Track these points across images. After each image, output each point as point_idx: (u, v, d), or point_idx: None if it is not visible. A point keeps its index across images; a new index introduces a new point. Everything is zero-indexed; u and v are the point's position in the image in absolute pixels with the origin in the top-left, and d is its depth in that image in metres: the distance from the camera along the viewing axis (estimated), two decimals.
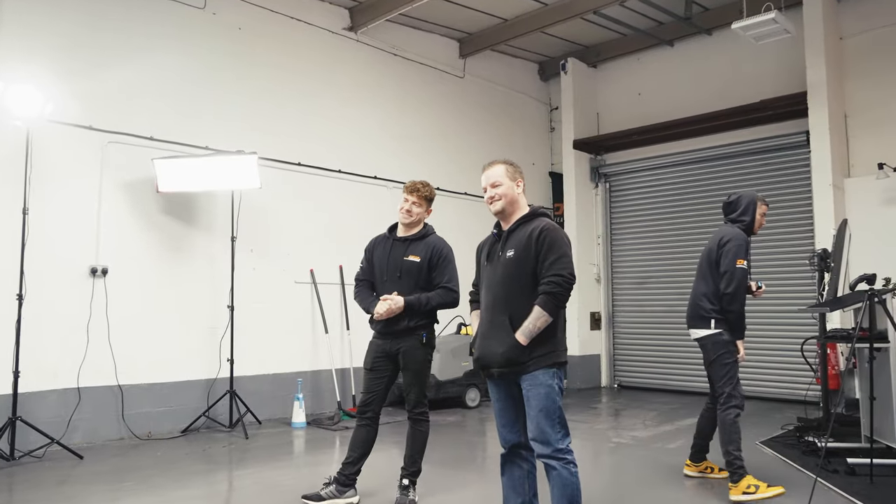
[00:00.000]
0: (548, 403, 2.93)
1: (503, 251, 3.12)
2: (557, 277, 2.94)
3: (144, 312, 6.09)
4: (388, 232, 4.18)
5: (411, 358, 3.94)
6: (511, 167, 3.20)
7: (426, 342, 3.97)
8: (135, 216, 6.13)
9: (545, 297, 2.94)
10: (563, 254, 2.99)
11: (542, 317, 2.93)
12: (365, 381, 4.02)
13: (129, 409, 5.91)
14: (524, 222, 3.13)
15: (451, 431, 6.40)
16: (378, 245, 4.16)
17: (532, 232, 3.04)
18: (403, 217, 4.04)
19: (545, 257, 2.98)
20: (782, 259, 8.12)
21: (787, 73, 8.03)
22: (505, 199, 3.17)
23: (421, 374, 3.97)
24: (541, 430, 2.93)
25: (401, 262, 3.98)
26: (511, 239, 3.12)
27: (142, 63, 6.24)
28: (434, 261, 4.00)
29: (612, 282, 9.86)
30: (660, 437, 6.00)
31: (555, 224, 3.13)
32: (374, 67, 8.27)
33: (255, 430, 6.30)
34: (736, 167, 8.62)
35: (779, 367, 8.07)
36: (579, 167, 9.79)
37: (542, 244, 3.00)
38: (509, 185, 3.17)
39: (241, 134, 6.81)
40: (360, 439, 3.97)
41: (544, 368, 2.96)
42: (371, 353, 4.03)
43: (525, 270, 3.02)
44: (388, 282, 3.98)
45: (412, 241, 4.04)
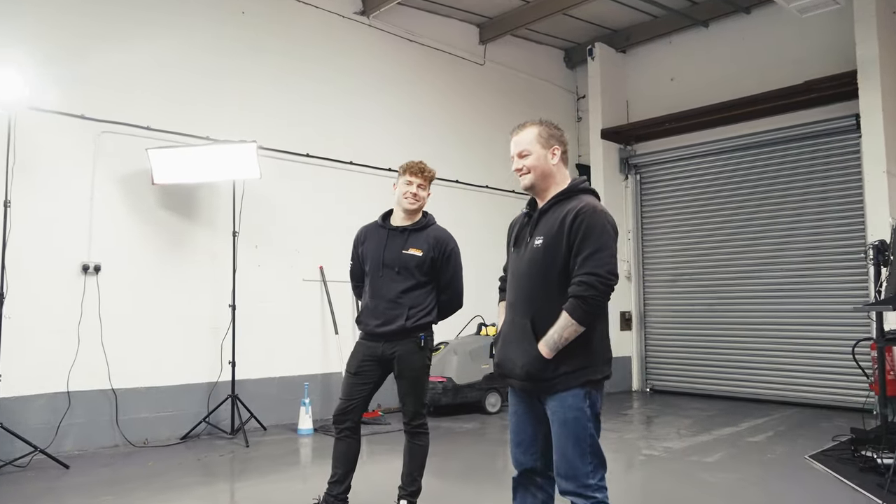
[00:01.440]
0: (577, 430, 2.41)
1: (531, 237, 2.57)
2: (591, 277, 2.38)
3: (140, 312, 5.74)
4: (380, 220, 3.71)
5: (408, 364, 3.48)
6: (545, 129, 2.62)
7: (424, 345, 3.51)
8: (130, 210, 5.79)
9: (574, 302, 2.39)
10: (603, 246, 2.40)
11: (570, 326, 2.39)
12: (345, 387, 3.55)
13: (123, 415, 5.56)
14: (560, 201, 2.55)
15: (468, 440, 5.93)
16: (370, 235, 3.68)
17: (567, 215, 2.46)
18: (409, 203, 3.55)
19: (579, 249, 2.41)
20: (830, 254, 7.47)
21: (835, 51, 7.38)
22: (535, 173, 2.59)
23: (419, 382, 3.51)
24: (567, 463, 2.42)
25: (399, 254, 3.51)
26: (542, 222, 2.56)
27: (138, 48, 5.89)
28: (440, 257, 3.54)
29: (643, 279, 9.28)
30: (696, 448, 5.45)
31: (598, 205, 2.50)
32: (388, 54, 7.84)
33: (259, 438, 5.91)
34: (777, 155, 7.98)
35: (826, 372, 7.43)
36: (608, 158, 9.23)
37: (577, 232, 2.42)
38: (541, 155, 2.58)
39: (244, 124, 6.44)
40: (343, 453, 3.52)
41: (575, 389, 2.43)
42: (358, 355, 3.56)
43: (555, 264, 2.47)
44: (385, 278, 3.52)
45: (412, 232, 3.58)
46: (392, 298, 3.48)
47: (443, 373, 6.98)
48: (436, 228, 3.64)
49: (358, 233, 3.78)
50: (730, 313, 8.23)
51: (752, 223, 8.10)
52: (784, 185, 7.86)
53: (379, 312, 3.49)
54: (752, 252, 8.08)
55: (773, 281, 7.89)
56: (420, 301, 3.50)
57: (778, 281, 7.85)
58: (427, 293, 3.54)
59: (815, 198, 7.61)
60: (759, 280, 8.01)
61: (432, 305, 3.56)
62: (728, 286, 8.26)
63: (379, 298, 3.51)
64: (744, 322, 8.11)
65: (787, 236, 7.80)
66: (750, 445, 5.52)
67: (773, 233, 7.91)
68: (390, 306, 3.47)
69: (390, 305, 3.47)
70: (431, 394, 6.89)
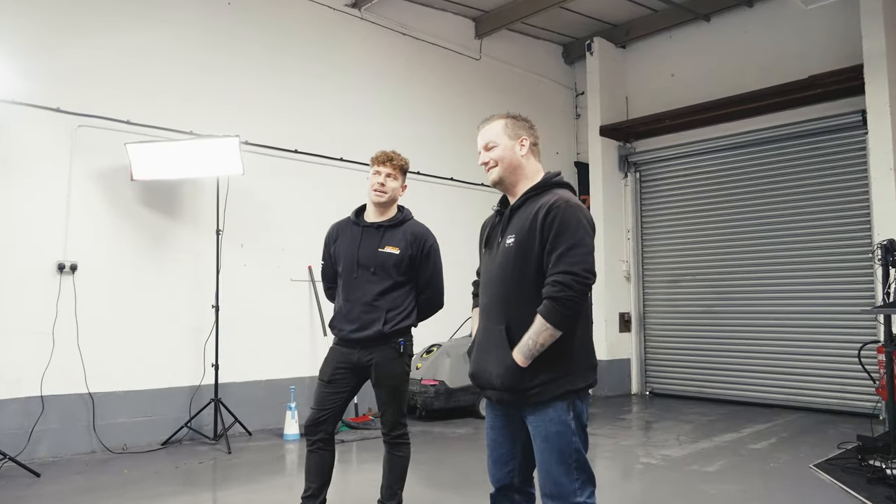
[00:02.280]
0: (561, 446, 2.22)
1: (503, 236, 2.39)
2: (566, 276, 2.18)
3: (118, 313, 5.53)
4: (353, 216, 3.47)
5: (386, 371, 3.25)
6: (512, 121, 2.45)
7: (404, 351, 3.29)
8: (109, 207, 5.58)
9: (549, 305, 2.19)
10: (578, 242, 2.21)
11: (545, 331, 2.19)
12: (318, 396, 3.30)
13: (101, 420, 5.35)
14: (532, 197, 2.37)
15: (460, 446, 5.72)
16: (343, 232, 3.44)
17: (539, 210, 2.28)
18: (376, 195, 3.32)
19: (553, 246, 2.22)
20: (835, 254, 7.25)
21: (840, 44, 7.16)
22: (501, 165, 2.42)
23: (398, 391, 3.29)
24: (553, 481, 2.22)
25: (375, 254, 3.28)
26: (514, 220, 2.38)
27: (118, 39, 5.68)
28: (418, 254, 3.32)
29: (642, 280, 9.06)
30: (696, 456, 5.23)
31: (572, 199, 2.32)
32: (381, 48, 7.63)
33: (243, 443, 5.70)
34: (781, 152, 7.75)
35: (831, 375, 7.21)
36: (607, 156, 9.01)
37: (550, 228, 2.23)
38: (508, 146, 2.41)
39: (230, 118, 6.22)
40: (316, 466, 3.28)
41: (556, 400, 2.23)
42: (331, 362, 3.33)
43: (528, 264, 2.28)
44: (360, 279, 3.28)
45: (388, 229, 3.35)
46: (368, 301, 3.25)
47: (435, 376, 6.77)
48: (413, 224, 3.41)
49: (329, 230, 3.54)
50: (731, 315, 8.01)
51: (755, 222, 7.87)
52: (788, 183, 7.64)
53: (354, 317, 3.26)
54: (755, 252, 7.86)
55: (776, 281, 7.67)
56: (398, 303, 3.28)
57: (781, 281, 7.63)
58: (405, 294, 3.32)
59: (820, 196, 7.38)
60: (761, 280, 7.79)
61: (411, 307, 3.34)
62: (729, 287, 8.04)
63: (354, 301, 3.28)
64: (746, 324, 7.89)
65: (790, 236, 7.58)
66: (752, 453, 5.30)
67: (777, 232, 7.69)
68: (366, 310, 3.25)
69: (366, 309, 3.25)
70: (424, 398, 6.69)
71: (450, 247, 7.63)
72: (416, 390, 6.77)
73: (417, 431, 6.26)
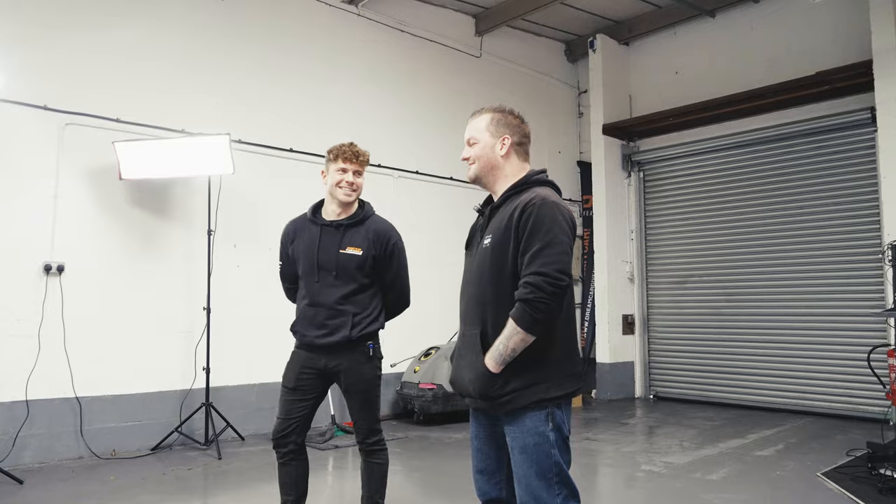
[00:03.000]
0: (540, 458, 2.09)
1: (482, 237, 2.28)
2: (537, 278, 2.04)
3: (107, 315, 5.40)
4: (310, 213, 3.25)
5: (358, 377, 3.09)
6: (499, 116, 2.33)
7: (373, 354, 3.13)
8: (97, 207, 5.46)
9: (520, 308, 2.06)
10: (552, 241, 2.08)
11: (516, 335, 2.06)
12: (283, 405, 3.15)
13: (88, 425, 5.23)
14: (512, 196, 2.26)
15: (457, 452, 5.57)
16: (300, 232, 3.21)
17: (515, 209, 2.16)
18: (345, 193, 3.13)
19: (526, 247, 2.10)
20: (843, 255, 7.06)
21: (848, 40, 6.99)
22: (479, 163, 2.32)
23: (371, 395, 3.13)
24: (533, 496, 2.09)
25: (336, 255, 3.08)
26: (493, 220, 2.27)
27: (108, 35, 5.56)
28: (382, 254, 3.14)
29: (646, 281, 8.89)
30: (700, 463, 5.07)
31: (550, 196, 2.20)
32: (378, 45, 7.49)
33: (235, 449, 5.57)
34: (787, 151, 7.57)
35: (839, 379, 7.02)
36: (610, 155, 8.84)
37: (525, 226, 2.11)
38: (488, 144, 2.31)
39: (223, 116, 6.10)
40: (291, 478, 3.14)
41: (532, 409, 2.10)
42: (294, 367, 3.15)
43: (505, 265, 2.16)
44: (321, 283, 3.08)
45: (348, 227, 3.15)
46: (333, 306, 3.06)
47: (433, 379, 6.63)
48: (375, 220, 3.21)
49: (285, 229, 3.32)
50: (737, 317, 7.83)
51: (761, 222, 7.69)
52: (795, 182, 7.46)
53: (319, 322, 3.07)
54: (761, 253, 7.68)
55: (782, 283, 7.49)
56: (365, 306, 3.11)
57: (788, 283, 7.45)
58: (372, 296, 3.15)
59: (828, 196, 7.19)
60: (768, 282, 7.61)
61: (378, 309, 3.18)
62: (735, 288, 7.86)
63: (318, 306, 3.08)
64: (752, 326, 7.71)
65: (797, 236, 7.40)
66: (758, 461, 5.14)
67: (783, 233, 7.51)
68: (332, 314, 3.06)
69: (332, 314, 3.06)
70: (421, 402, 6.55)
71: (449, 248, 7.57)
72: (413, 394, 6.64)
73: (415, 437, 6.12)
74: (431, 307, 7.40)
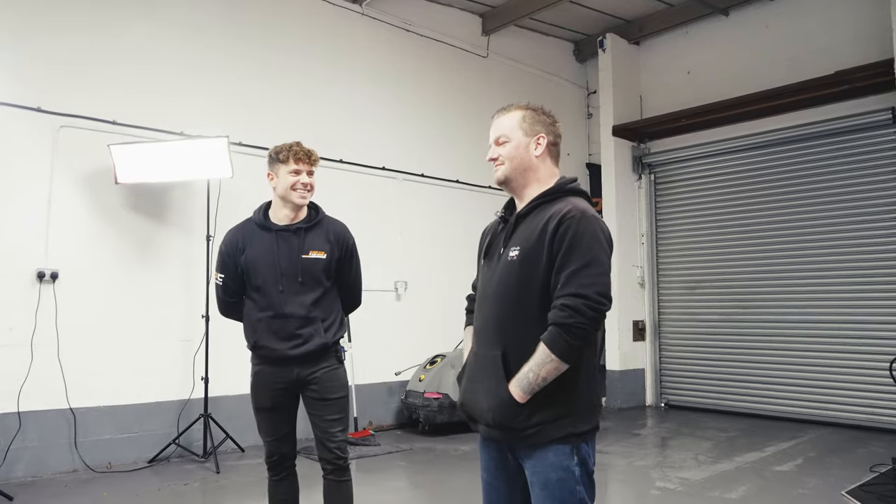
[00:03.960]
0: (563, 495, 1.90)
1: (505, 247, 2.06)
2: (576, 300, 1.85)
3: (102, 323, 5.24)
4: (259, 218, 3.03)
5: (334, 383, 2.94)
6: (532, 114, 2.11)
7: (343, 359, 3.03)
8: (93, 212, 5.30)
9: (555, 332, 1.86)
10: (593, 260, 1.88)
11: (550, 362, 1.87)
12: (267, 427, 2.98)
13: (83, 437, 5.07)
14: (542, 204, 2.04)
15: (464, 465, 5.37)
16: (251, 240, 2.98)
17: (549, 221, 1.95)
18: (301, 197, 2.96)
19: (563, 264, 1.89)
20: (864, 259, 6.82)
21: (868, 38, 6.75)
22: (511, 164, 2.09)
23: (345, 403, 2.99)
24: None
25: (299, 260, 2.91)
26: (520, 229, 2.05)
27: (103, 35, 5.41)
28: (345, 255, 3.03)
29: (657, 286, 8.67)
30: (717, 480, 4.86)
31: (588, 209, 1.98)
32: (383, 45, 7.31)
33: (234, 461, 5.40)
34: (805, 153, 7.34)
35: (860, 389, 6.78)
36: (620, 157, 8.63)
37: (561, 241, 1.90)
38: (521, 143, 2.08)
39: (223, 118, 5.93)
40: (283, 494, 3.00)
41: (558, 443, 1.90)
42: (266, 386, 2.94)
43: (533, 281, 1.95)
44: (287, 291, 2.88)
45: (307, 231, 2.98)
46: (303, 315, 2.88)
47: (439, 389, 6.45)
48: (331, 222, 3.08)
49: (227, 238, 3.07)
50: (752, 324, 7.60)
51: (776, 226, 7.46)
52: (812, 184, 7.22)
53: (289, 333, 2.87)
54: (777, 257, 7.45)
55: (799, 289, 7.26)
56: (331, 310, 2.98)
57: (805, 289, 7.22)
58: (334, 299, 3.03)
59: (847, 198, 6.96)
60: (783, 288, 7.38)
61: (340, 312, 3.06)
62: (750, 294, 7.64)
63: (285, 317, 2.88)
64: (767, 333, 7.48)
65: (815, 240, 7.16)
66: (777, 476, 4.92)
67: (800, 237, 7.28)
68: (302, 323, 2.88)
69: (302, 322, 2.88)
70: (427, 411, 6.36)
71: (455, 254, 7.38)
72: (418, 403, 6.45)
73: (419, 448, 5.94)
74: (437, 313, 7.23)
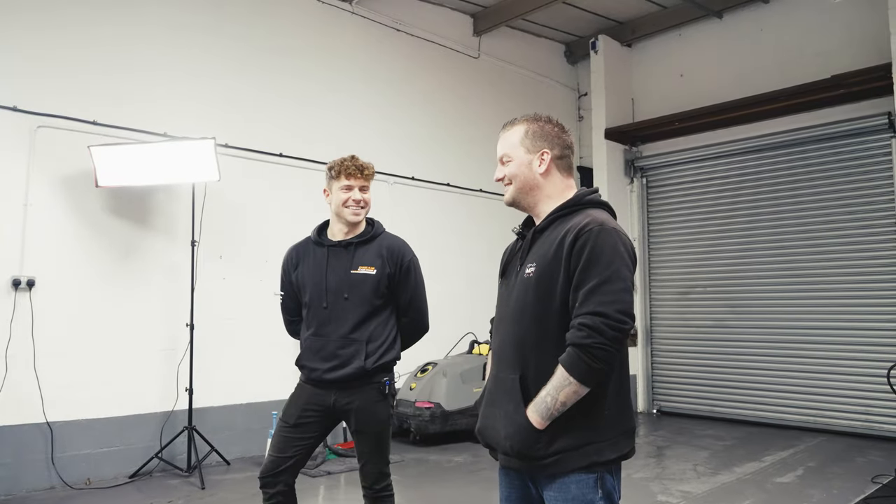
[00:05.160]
0: None
1: (522, 264, 1.93)
2: (596, 319, 1.71)
3: (81, 333, 5.01)
4: (315, 235, 2.97)
5: (371, 418, 2.77)
6: (535, 127, 1.99)
7: (388, 392, 2.81)
8: (72, 216, 5.07)
9: (574, 354, 1.73)
10: (613, 275, 1.76)
11: (568, 386, 1.73)
12: (279, 440, 2.83)
13: (61, 452, 4.84)
14: (559, 217, 1.92)
15: (458, 477, 5.21)
16: (306, 256, 2.93)
17: (566, 235, 1.83)
18: (353, 213, 2.84)
19: (581, 280, 1.77)
20: (860, 265, 6.76)
21: (865, 41, 6.70)
22: (515, 185, 1.98)
23: (383, 439, 2.82)
24: None
25: (347, 276, 2.79)
26: (537, 245, 1.92)
27: (84, 32, 5.18)
28: (397, 272, 2.84)
29: (650, 291, 8.57)
30: (720, 493, 4.74)
31: (608, 222, 1.85)
32: (373, 44, 7.14)
33: (220, 475, 5.20)
34: (799, 157, 7.27)
35: (856, 396, 6.71)
36: (612, 160, 8.53)
37: (579, 256, 1.78)
38: (523, 162, 1.97)
39: (208, 119, 5.73)
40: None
41: (580, 472, 1.77)
42: (298, 402, 2.83)
43: (551, 299, 1.82)
44: (331, 308, 2.78)
45: (359, 246, 2.86)
46: (344, 334, 2.76)
47: (430, 398, 6.27)
48: (387, 237, 2.93)
49: (287, 254, 3.04)
50: (746, 329, 7.52)
51: (771, 231, 7.39)
52: (807, 189, 7.15)
53: (329, 353, 2.77)
54: (771, 263, 7.38)
55: (794, 294, 7.19)
56: (379, 333, 2.80)
57: (800, 295, 7.14)
58: (386, 321, 2.84)
59: (842, 204, 6.89)
60: (778, 293, 7.30)
61: (393, 336, 2.87)
62: (744, 299, 7.56)
63: (326, 336, 2.79)
64: (762, 339, 7.40)
65: (810, 246, 7.09)
66: (780, 489, 4.82)
67: (795, 242, 7.20)
68: (343, 343, 2.76)
69: (343, 343, 2.76)
70: (418, 421, 6.19)
71: (446, 259, 7.22)
72: (409, 413, 6.27)
73: (411, 459, 5.76)
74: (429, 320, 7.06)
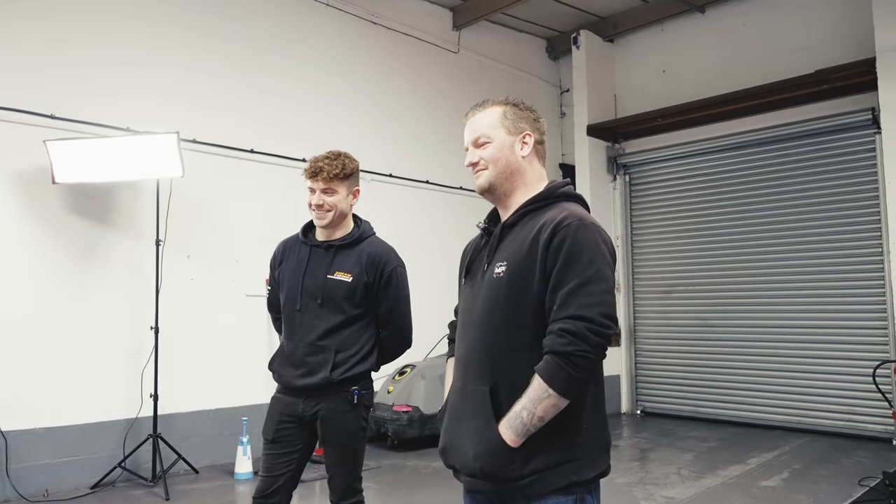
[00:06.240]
0: None
1: (490, 263, 1.74)
2: (577, 323, 1.54)
3: (39, 337, 4.76)
4: (301, 234, 2.79)
5: (336, 426, 2.58)
6: (514, 110, 1.84)
7: (359, 402, 2.61)
8: (27, 215, 4.82)
9: (552, 363, 1.55)
10: (594, 276, 1.59)
11: (547, 399, 1.56)
12: (264, 460, 2.67)
13: (16, 463, 4.59)
14: (532, 211, 1.75)
15: (437, 483, 5.03)
16: (290, 253, 2.77)
17: (541, 231, 1.65)
18: (317, 217, 2.66)
19: (559, 280, 1.60)
20: (844, 263, 6.66)
21: (849, 36, 6.61)
22: (495, 168, 1.78)
23: (352, 451, 2.63)
24: None
25: (323, 281, 2.62)
26: (506, 242, 1.74)
27: (42, 20, 4.94)
28: (377, 282, 2.64)
29: (633, 290, 8.44)
30: (704, 498, 4.60)
31: (586, 217, 1.69)
32: (349, 37, 6.93)
33: (187, 485, 4.98)
34: (783, 154, 7.17)
35: (841, 396, 6.62)
36: (594, 157, 8.39)
37: (556, 254, 1.61)
38: (505, 144, 1.79)
39: (174, 114, 5.50)
40: None
41: (559, 494, 1.60)
42: (273, 416, 2.66)
43: (525, 301, 1.65)
44: (304, 312, 2.61)
45: (339, 249, 2.67)
46: (313, 341, 2.60)
47: (408, 401, 6.10)
48: (372, 243, 2.73)
49: (276, 249, 2.88)
50: (730, 329, 7.41)
51: (755, 229, 7.28)
52: (791, 186, 7.05)
53: (298, 360, 2.61)
54: (755, 261, 7.27)
55: (778, 293, 7.08)
56: (351, 343, 2.62)
57: (784, 293, 7.04)
58: (360, 331, 2.65)
59: (826, 201, 6.80)
60: (762, 292, 7.19)
61: (369, 348, 2.67)
62: (728, 298, 7.44)
63: (297, 340, 2.63)
64: (746, 339, 7.29)
65: (794, 244, 6.99)
66: (766, 494, 4.69)
67: (779, 240, 7.10)
68: (311, 350, 2.60)
69: (311, 350, 2.60)
70: (396, 426, 6.01)
71: (426, 258, 7.01)
72: (386, 417, 6.09)
73: (388, 466, 5.58)
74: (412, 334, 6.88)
